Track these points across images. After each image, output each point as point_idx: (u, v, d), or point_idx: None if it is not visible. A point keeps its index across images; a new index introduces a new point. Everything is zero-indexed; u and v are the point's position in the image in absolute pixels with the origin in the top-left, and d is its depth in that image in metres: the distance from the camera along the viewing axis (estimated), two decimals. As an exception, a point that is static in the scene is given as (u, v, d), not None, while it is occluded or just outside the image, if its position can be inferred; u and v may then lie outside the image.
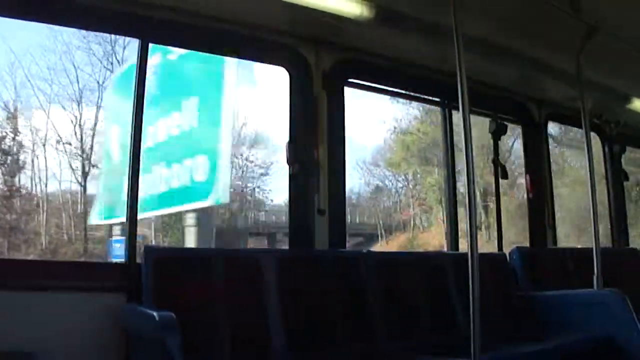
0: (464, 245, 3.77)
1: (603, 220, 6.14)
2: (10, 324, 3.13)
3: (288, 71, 4.59)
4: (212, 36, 4.21)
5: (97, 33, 14.27)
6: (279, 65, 4.63)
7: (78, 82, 14.79)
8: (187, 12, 4.03)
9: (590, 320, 4.40)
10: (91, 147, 14.73)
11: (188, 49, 4.39)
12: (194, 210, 9.04)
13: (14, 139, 13.67)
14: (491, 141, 5.72)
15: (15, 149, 13.78)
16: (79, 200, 15.05)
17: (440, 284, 4.56)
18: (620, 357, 4.20)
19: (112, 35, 13.70)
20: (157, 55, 7.72)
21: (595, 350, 4.21)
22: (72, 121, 14.69)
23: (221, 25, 4.19)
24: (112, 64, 14.84)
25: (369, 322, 4.02)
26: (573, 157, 17.89)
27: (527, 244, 6.02)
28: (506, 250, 5.50)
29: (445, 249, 9.27)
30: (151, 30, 3.96)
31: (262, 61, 4.71)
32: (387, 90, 5.45)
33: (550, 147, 5.84)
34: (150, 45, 4.00)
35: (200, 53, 4.66)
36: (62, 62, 14.90)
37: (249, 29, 4.30)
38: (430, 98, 5.65)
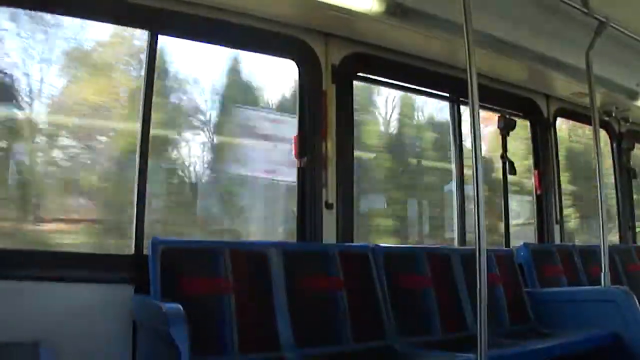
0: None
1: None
2: (17, 314, 3.15)
3: (297, 64, 4.59)
4: (222, 28, 4.20)
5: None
6: (288, 58, 4.62)
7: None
8: (197, 4, 4.03)
9: (597, 318, 4.39)
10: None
11: (197, 40, 4.37)
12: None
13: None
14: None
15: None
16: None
17: (448, 279, 4.55)
18: (627, 355, 4.19)
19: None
20: None
21: (602, 348, 4.20)
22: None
23: (231, 18, 4.18)
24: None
25: (376, 317, 4.02)
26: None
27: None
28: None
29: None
30: (160, 21, 3.96)
31: (271, 54, 4.70)
32: (396, 84, 5.42)
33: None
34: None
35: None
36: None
37: (258, 21, 4.29)
38: (440, 93, 5.62)
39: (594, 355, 4.18)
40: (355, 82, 4.86)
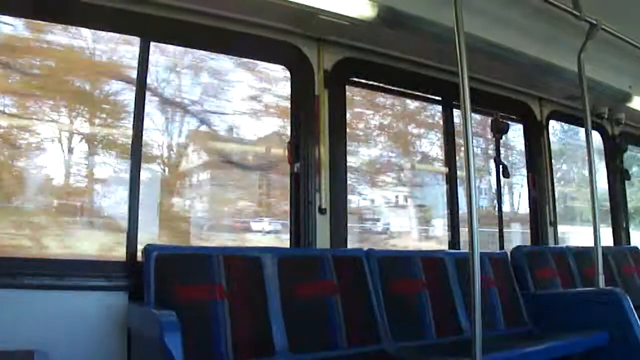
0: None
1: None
2: (11, 322, 3.15)
3: (290, 70, 4.59)
4: (214, 34, 4.20)
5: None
6: (281, 64, 4.63)
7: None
8: (188, 11, 4.03)
9: (592, 319, 4.39)
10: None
11: (189, 47, 4.39)
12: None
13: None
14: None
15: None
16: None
17: (442, 283, 4.55)
18: (622, 356, 4.20)
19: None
20: None
21: (597, 349, 4.20)
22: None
23: (223, 24, 4.19)
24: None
25: (371, 321, 4.02)
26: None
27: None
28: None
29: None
30: (152, 28, 3.96)
31: (264, 60, 4.71)
32: (388, 89, 5.43)
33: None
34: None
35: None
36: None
37: (251, 27, 4.30)
38: (432, 97, 5.63)
39: (590, 357, 4.18)
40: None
